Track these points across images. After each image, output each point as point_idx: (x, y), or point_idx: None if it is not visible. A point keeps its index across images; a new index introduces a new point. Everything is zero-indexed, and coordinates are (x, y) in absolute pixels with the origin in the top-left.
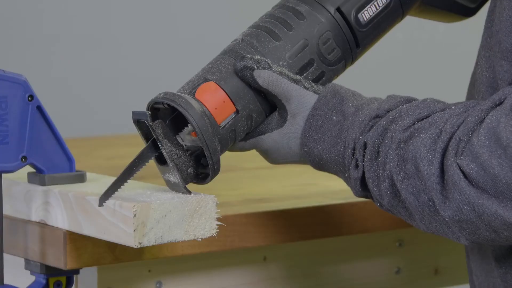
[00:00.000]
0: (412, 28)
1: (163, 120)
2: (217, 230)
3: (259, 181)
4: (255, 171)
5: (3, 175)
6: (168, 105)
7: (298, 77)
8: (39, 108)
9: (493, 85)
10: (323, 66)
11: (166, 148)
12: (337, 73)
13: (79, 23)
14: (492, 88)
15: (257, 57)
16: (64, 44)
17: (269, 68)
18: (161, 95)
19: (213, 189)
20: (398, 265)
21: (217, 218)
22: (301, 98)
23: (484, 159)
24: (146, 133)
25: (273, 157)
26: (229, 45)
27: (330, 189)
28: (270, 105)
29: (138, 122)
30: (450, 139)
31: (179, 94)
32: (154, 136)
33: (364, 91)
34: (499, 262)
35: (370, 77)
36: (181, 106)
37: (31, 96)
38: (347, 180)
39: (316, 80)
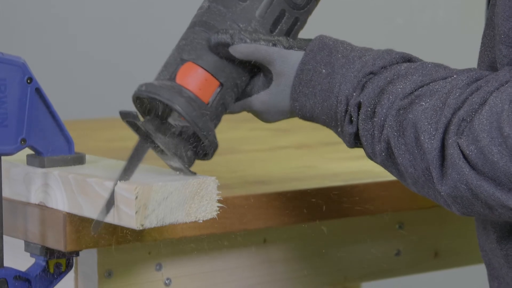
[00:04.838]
0: (412, 12)
1: (151, 104)
2: (218, 212)
3: (259, 164)
4: (255, 154)
5: (3, 157)
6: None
7: (275, 38)
8: (38, 91)
9: (493, 65)
10: (295, 12)
11: (160, 141)
12: (310, 12)
13: (81, 7)
14: (493, 69)
15: (231, 31)
16: (65, 27)
17: (244, 39)
18: (143, 88)
19: (212, 172)
20: (398, 248)
21: (217, 200)
22: (283, 58)
23: (484, 144)
24: (137, 128)
25: (264, 116)
26: (196, 14)
27: (330, 171)
28: (254, 67)
29: (128, 121)
30: (453, 115)
31: (160, 84)
32: (147, 134)
33: None
34: (500, 244)
35: None
36: (165, 98)
37: (30, 79)
38: (339, 134)
39: (291, 28)
